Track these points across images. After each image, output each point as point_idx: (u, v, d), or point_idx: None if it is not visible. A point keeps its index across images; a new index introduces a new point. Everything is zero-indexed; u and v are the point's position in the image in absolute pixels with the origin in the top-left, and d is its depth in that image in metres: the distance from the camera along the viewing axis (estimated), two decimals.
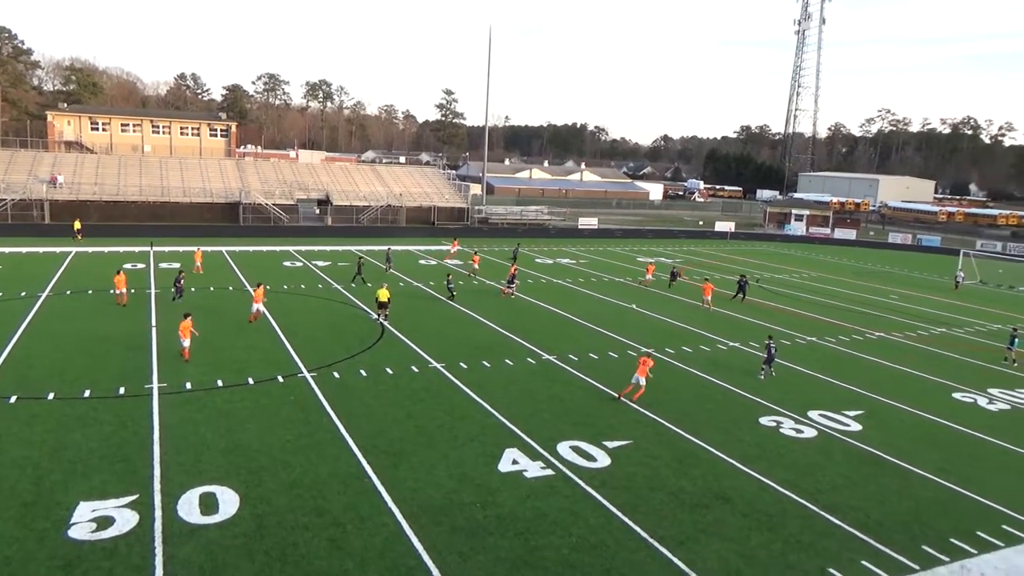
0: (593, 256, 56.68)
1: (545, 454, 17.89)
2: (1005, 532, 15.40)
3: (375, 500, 15.25)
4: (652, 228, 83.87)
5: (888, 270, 58.98)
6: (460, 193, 79.21)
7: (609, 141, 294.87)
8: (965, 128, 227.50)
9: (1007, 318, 40.13)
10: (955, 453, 19.72)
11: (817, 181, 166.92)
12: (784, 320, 36.00)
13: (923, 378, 27.02)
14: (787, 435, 20.22)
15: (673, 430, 20.07)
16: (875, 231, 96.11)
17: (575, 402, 21.89)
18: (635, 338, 30.15)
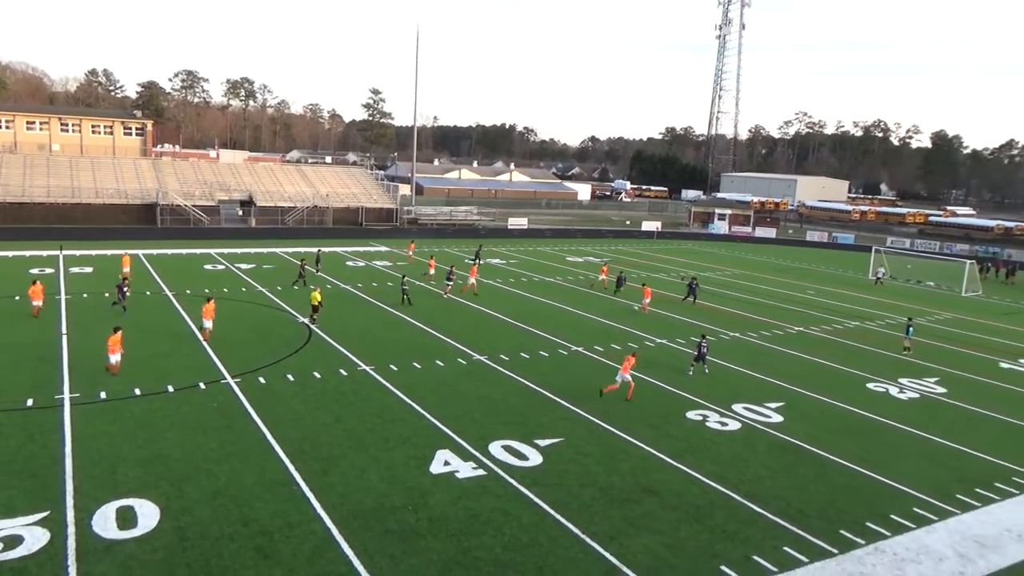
0: (523, 256, 56.98)
1: (477, 454, 17.89)
2: (916, 514, 16.21)
3: (303, 507, 14.95)
4: (581, 228, 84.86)
5: (806, 267, 61.31)
6: (389, 194, 78.43)
7: (538, 142, 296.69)
8: (876, 131, 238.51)
9: (916, 311, 42.26)
10: (869, 441, 20.64)
11: (739, 181, 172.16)
12: (709, 317, 36.97)
13: (839, 370, 28.19)
14: (713, 428, 20.78)
15: (603, 426, 20.36)
16: (793, 229, 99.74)
17: (506, 402, 21.96)
18: (566, 337, 30.46)
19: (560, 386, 23.69)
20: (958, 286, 51.79)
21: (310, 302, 30.85)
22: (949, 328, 37.83)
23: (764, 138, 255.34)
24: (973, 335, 36.51)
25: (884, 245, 68.66)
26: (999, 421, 23.17)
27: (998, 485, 18.06)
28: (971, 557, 14.61)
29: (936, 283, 54.02)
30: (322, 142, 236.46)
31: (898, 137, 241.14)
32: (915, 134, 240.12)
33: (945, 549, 14.83)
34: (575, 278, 46.87)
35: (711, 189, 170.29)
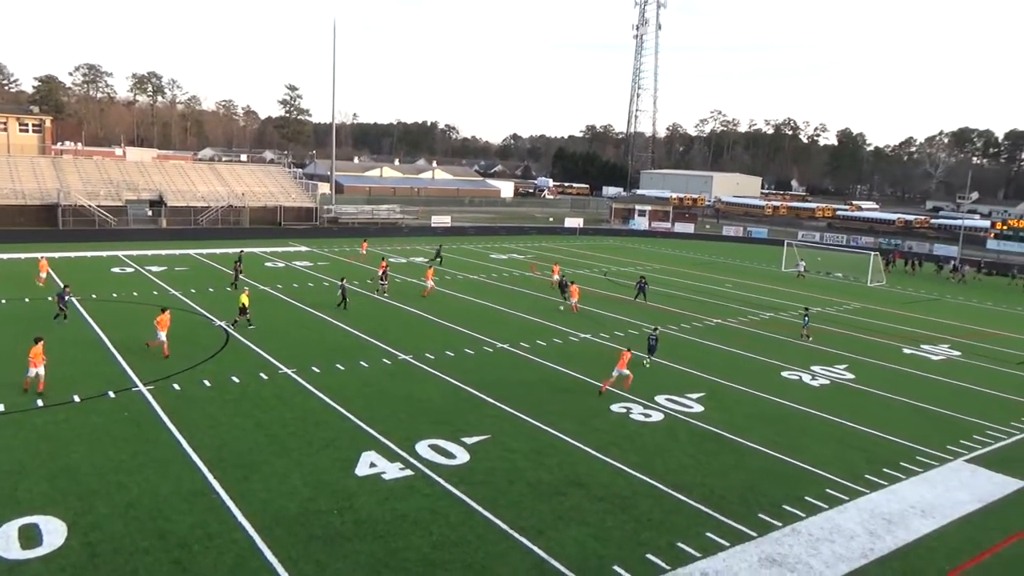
0: (447, 254, 56.79)
1: (403, 455, 17.76)
2: (829, 495, 16.98)
3: (224, 516, 14.52)
4: (505, 225, 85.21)
5: (723, 261, 63.29)
6: (308, 192, 76.90)
7: (460, 139, 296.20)
8: (786, 129, 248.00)
9: (825, 302, 44.22)
10: (785, 427, 21.50)
11: (658, 178, 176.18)
12: (631, 311, 37.73)
13: (755, 359, 29.24)
14: (637, 420, 21.24)
15: (530, 422, 20.53)
16: (710, 225, 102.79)
17: (432, 400, 21.88)
18: (491, 334, 30.55)
19: (486, 383, 23.74)
20: (864, 277, 54.43)
21: (237, 304, 30.05)
22: (856, 317, 39.74)
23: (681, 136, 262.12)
24: (878, 323, 38.45)
25: (795, 239, 71.52)
26: (903, 404, 24.50)
27: (903, 464, 19.09)
28: (879, 534, 15.41)
29: (844, 274, 56.63)
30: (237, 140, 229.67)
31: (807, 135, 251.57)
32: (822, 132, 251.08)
33: (856, 527, 15.59)
34: (499, 276, 47.04)
35: (631, 186, 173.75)
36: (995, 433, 21.95)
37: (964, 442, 21.00)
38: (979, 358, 31.81)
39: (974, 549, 15.06)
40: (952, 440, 21.09)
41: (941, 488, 17.82)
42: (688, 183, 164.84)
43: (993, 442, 21.21)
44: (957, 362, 31.04)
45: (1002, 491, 17.86)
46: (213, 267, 45.12)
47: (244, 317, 29.56)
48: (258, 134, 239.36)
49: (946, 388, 26.78)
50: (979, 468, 19.18)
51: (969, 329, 38.49)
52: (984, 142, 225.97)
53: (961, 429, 22.17)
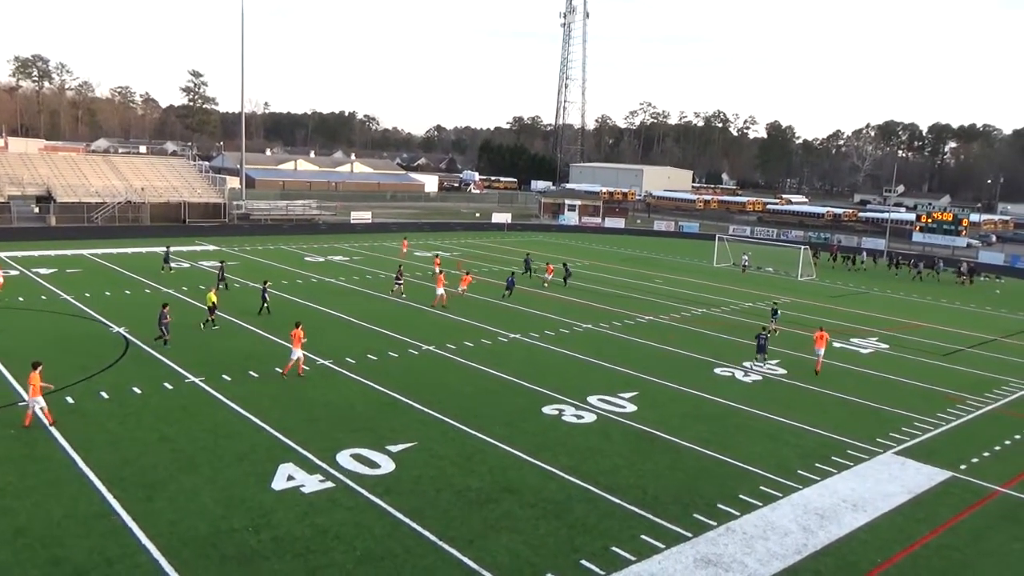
0: (368, 252, 56.17)
1: (324, 466, 17.48)
2: (762, 492, 17.54)
3: (125, 540, 13.98)
4: (429, 221, 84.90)
5: (654, 256, 64.61)
6: (215, 187, 74.90)
7: (380, 131, 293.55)
8: (716, 121, 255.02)
9: (757, 296, 45.67)
10: (718, 424, 22.10)
11: (587, 172, 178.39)
12: (561, 308, 38.12)
13: (688, 356, 29.96)
14: (569, 422, 21.47)
15: (458, 427, 20.49)
16: (641, 219, 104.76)
17: (354, 407, 21.61)
18: (417, 336, 30.35)
19: (412, 388, 23.60)
20: (795, 271, 56.45)
21: (206, 304, 30.06)
22: (787, 312, 41.13)
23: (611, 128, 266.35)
24: (809, 317, 39.94)
25: (727, 233, 73.60)
26: (834, 398, 25.53)
27: (835, 458, 19.90)
28: (812, 529, 16.02)
29: (775, 269, 58.60)
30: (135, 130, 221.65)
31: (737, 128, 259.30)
32: (752, 125, 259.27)
33: (789, 524, 16.16)
34: (425, 274, 46.80)
35: (560, 180, 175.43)
36: (922, 425, 23.11)
37: (893, 434, 22.03)
38: (906, 350, 33.42)
39: (905, 541, 15.82)
40: (881, 433, 22.10)
41: (872, 481, 18.64)
42: (618, 177, 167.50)
43: (921, 434, 22.32)
44: (885, 355, 32.54)
45: (930, 482, 18.81)
46: (110, 269, 43.38)
47: (213, 317, 29.84)
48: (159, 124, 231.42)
49: (875, 381, 28.03)
50: (908, 460, 20.15)
51: (896, 322, 40.40)
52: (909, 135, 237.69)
53: (890, 421, 23.25)
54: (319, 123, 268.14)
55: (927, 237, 75.77)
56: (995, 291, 55.37)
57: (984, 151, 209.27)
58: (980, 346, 35.47)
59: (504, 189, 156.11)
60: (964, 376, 29.61)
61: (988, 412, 25.08)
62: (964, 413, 24.66)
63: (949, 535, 16.23)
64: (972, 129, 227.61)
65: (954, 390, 27.29)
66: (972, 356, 33.33)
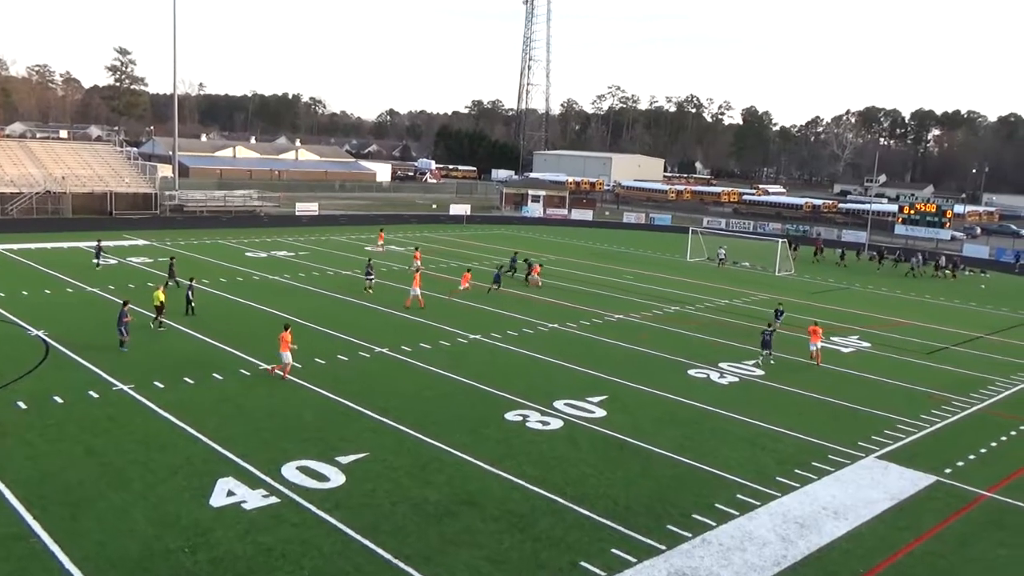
0: (315, 247, 55.71)
1: (267, 480, 17.31)
2: (739, 501, 17.80)
3: (48, 563, 13.69)
4: (382, 213, 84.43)
5: (624, 250, 65.08)
6: (145, 176, 73.71)
7: (328, 115, 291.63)
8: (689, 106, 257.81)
9: (733, 293, 46.28)
10: (693, 429, 22.37)
11: (552, 160, 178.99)
12: (524, 307, 38.21)
13: (660, 357, 30.26)
14: (534, 429, 21.55)
15: (414, 435, 20.44)
16: (610, 211, 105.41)
17: (301, 416, 21.44)
18: (368, 337, 30.19)
19: (363, 394, 23.49)
20: (772, 266, 57.30)
21: (153, 303, 29.78)
22: (765, 309, 41.72)
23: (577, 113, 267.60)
24: (788, 315, 40.51)
25: (701, 226, 74.41)
26: (814, 400, 26.00)
27: (815, 464, 20.27)
28: (792, 539, 16.30)
29: (752, 264, 59.43)
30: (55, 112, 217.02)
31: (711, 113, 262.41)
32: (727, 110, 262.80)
33: (768, 534, 16.42)
34: (377, 270, 46.52)
35: (523, 169, 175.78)
36: (905, 427, 23.64)
37: (875, 438, 22.51)
38: (888, 349, 34.16)
39: (888, 549, 16.18)
40: (863, 436, 22.56)
41: (853, 487, 19.03)
42: (585, 165, 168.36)
43: (904, 436, 22.84)
44: (867, 354, 33.21)
45: (913, 487, 19.26)
46: (27, 266, 42.38)
47: (160, 316, 29.81)
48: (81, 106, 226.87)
49: (856, 382, 28.61)
50: (891, 464, 20.61)
51: (878, 319, 41.26)
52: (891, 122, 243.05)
53: (872, 424, 23.74)
54: (260, 106, 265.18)
55: (910, 229, 77.47)
56: (980, 286, 56.85)
57: (968, 139, 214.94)
58: (965, 344, 36.39)
59: (463, 178, 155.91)
60: (949, 375, 30.36)
61: (974, 413, 25.76)
62: (949, 414, 25.28)
63: (934, 542, 16.63)
64: (956, 116, 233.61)
65: (938, 390, 27.97)
66: (957, 354, 34.18)
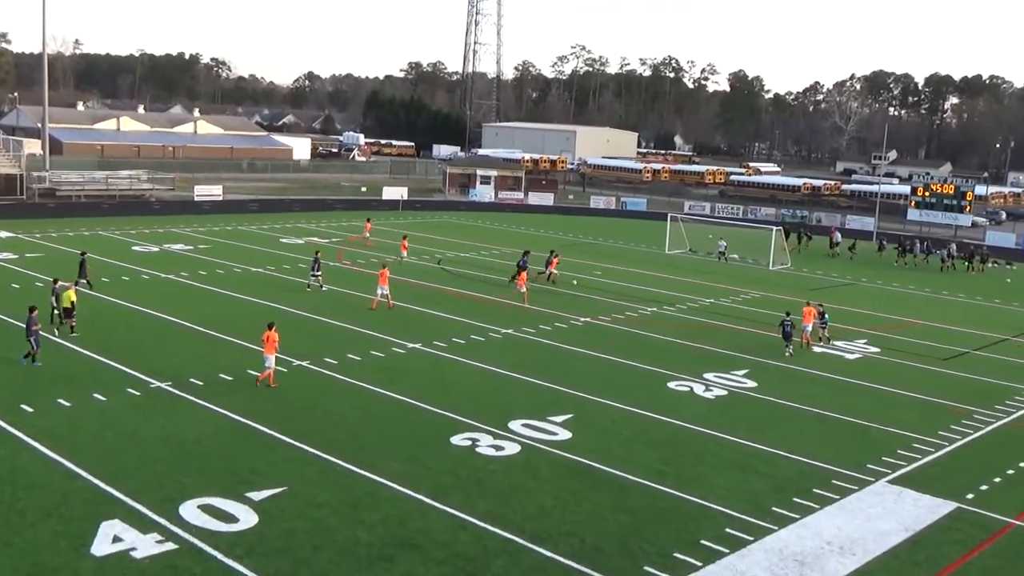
0: (218, 239, 55.06)
1: (162, 522, 17.07)
2: (729, 536, 18.01)
3: None
4: (300, 198, 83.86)
5: (591, 241, 65.49)
6: (8, 154, 72.33)
7: (233, 79, 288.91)
8: (666, 70, 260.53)
9: (720, 291, 46.84)
10: (673, 452, 22.58)
11: (505, 134, 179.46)
12: (474, 310, 38.23)
13: (635, 367, 30.51)
14: (485, 455, 21.55)
15: (342, 466, 20.31)
16: (575, 194, 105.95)
17: (203, 444, 21.20)
18: (284, 348, 29.77)
19: (280, 416, 23.31)
20: (765, 258, 58.07)
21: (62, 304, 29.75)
22: (757, 309, 42.35)
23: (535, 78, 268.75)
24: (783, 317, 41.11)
25: (681, 212, 75.16)
26: (815, 415, 26.43)
27: (816, 491, 20.58)
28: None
29: (742, 256, 60.18)
30: None
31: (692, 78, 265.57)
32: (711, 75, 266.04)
33: (763, 574, 16.64)
34: (294, 268, 46.18)
35: (471, 144, 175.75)
36: (921, 446, 24.13)
37: (886, 459, 22.93)
38: (900, 354, 34.88)
39: None
40: (872, 457, 22.97)
41: (862, 517, 19.37)
42: (545, 140, 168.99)
43: (920, 457, 23.32)
44: (875, 360, 33.88)
45: (932, 516, 19.67)
46: None
47: (70, 320, 30.16)
48: None
49: (864, 393, 29.15)
50: (904, 490, 21.02)
51: (888, 319, 42.13)
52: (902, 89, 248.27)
53: (882, 443, 24.20)
54: (150, 69, 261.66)
55: (924, 215, 78.75)
56: (1005, 280, 58.34)
57: (991, 109, 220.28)
58: (988, 348, 37.30)
59: (398, 156, 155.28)
60: (970, 385, 31.08)
61: (999, 428, 26.39)
62: (971, 430, 25.86)
63: None
64: (977, 81, 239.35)
65: (958, 402, 28.61)
66: (979, 360, 35.02)
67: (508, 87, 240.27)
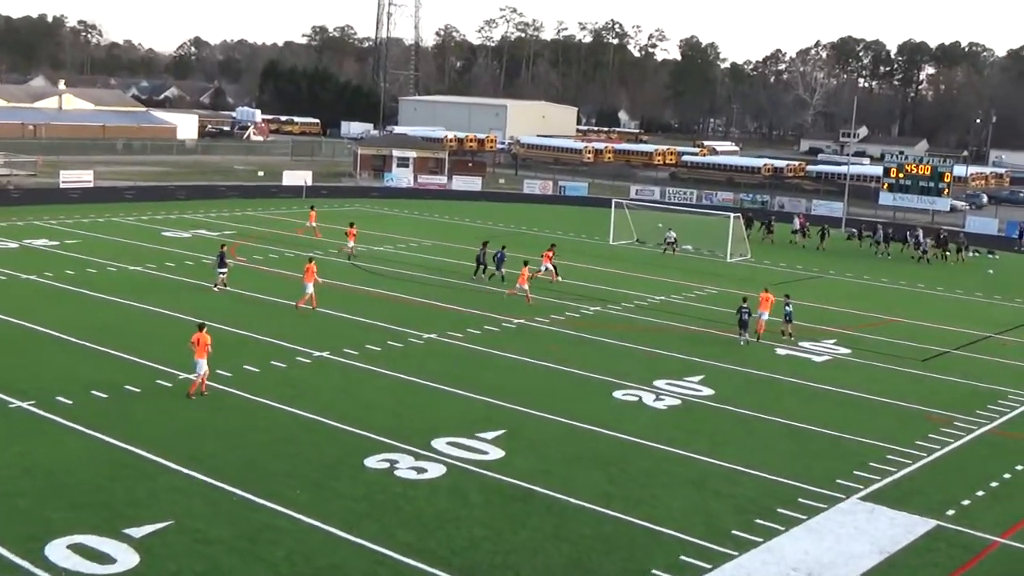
0: (89, 233, 54.12)
1: (25, 565, 16.72)
2: (684, 565, 18.21)
3: None
4: (186, 184, 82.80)
5: (525, 231, 65.64)
6: None
7: (105, 46, 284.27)
8: (609, 36, 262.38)
9: (671, 286, 47.36)
10: (620, 470, 22.75)
11: (425, 109, 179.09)
12: (390, 312, 38.09)
13: (577, 375, 30.71)
14: (405, 479, 21.47)
15: (238, 494, 20.08)
16: (506, 178, 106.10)
17: (73, 473, 20.83)
18: (168, 360, 29.47)
19: (163, 439, 23.00)
20: (723, 249, 58.81)
21: None
22: (714, 307, 42.93)
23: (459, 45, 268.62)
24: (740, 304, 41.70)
25: (628, 197, 75.77)
26: (779, 426, 26.84)
27: (781, 511, 20.89)
28: None
29: (695, 247, 60.85)
30: None
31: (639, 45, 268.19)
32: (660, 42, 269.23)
33: None
34: (180, 266, 45.53)
35: (386, 121, 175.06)
36: (897, 458, 24.64)
37: (858, 473, 23.37)
38: (873, 355, 35.61)
39: None
40: (843, 472, 23.39)
41: (831, 539, 19.72)
42: (471, 116, 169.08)
43: (894, 470, 23.80)
44: (846, 362, 34.58)
45: (909, 536, 20.09)
46: None
47: None
48: None
49: (833, 400, 29.72)
50: (878, 507, 21.44)
51: (860, 316, 43.00)
52: (872, 58, 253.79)
53: (854, 455, 24.67)
54: (4, 32, 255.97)
55: (898, 198, 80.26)
56: (987, 271, 59.91)
57: (970, 80, 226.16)
58: (969, 346, 38.31)
59: (301, 135, 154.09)
60: (950, 388, 31.91)
61: (981, 436, 27.08)
62: (950, 439, 26.48)
63: None
64: (955, 49, 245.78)
65: (937, 408, 29.32)
66: (959, 360, 35.96)
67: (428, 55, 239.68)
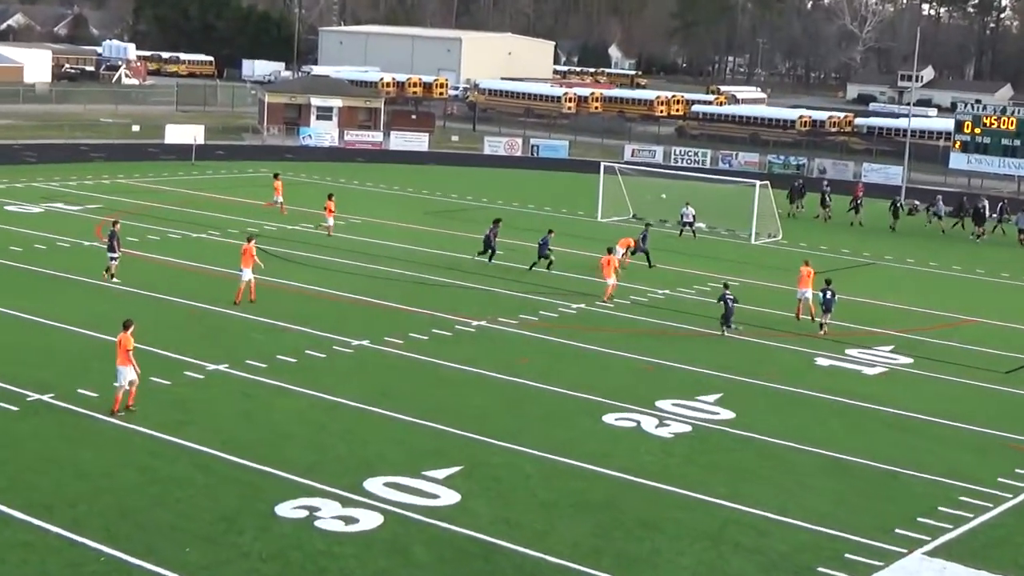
0: None
1: None
2: None
3: None
4: (34, 142, 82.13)
5: (485, 205, 65.47)
6: None
7: None
8: None
9: (678, 277, 47.47)
10: (612, 519, 22.62)
11: (354, 43, 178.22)
12: (309, 311, 38.06)
13: (556, 394, 30.67)
14: (330, 531, 21.32)
15: (108, 554, 19.93)
16: (461, 135, 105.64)
17: None
18: (19, 375, 29.27)
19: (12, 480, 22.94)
20: (746, 228, 58.79)
21: None
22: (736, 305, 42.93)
23: None
24: (776, 314, 41.73)
25: (621, 159, 75.72)
26: (817, 458, 26.86)
27: (823, 570, 20.88)
28: None
29: (711, 225, 60.83)
30: None
31: None
32: None
33: None
34: (31, 252, 45.20)
35: (302, 59, 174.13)
36: (973, 500, 24.69)
37: (923, 520, 23.39)
38: (941, 367, 35.74)
39: None
40: (903, 519, 23.42)
41: None
42: (415, 53, 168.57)
43: (971, 515, 23.81)
44: (905, 375, 34.72)
45: None
46: None
47: None
48: None
49: (889, 425, 29.80)
50: (951, 564, 21.46)
51: (925, 315, 43.13)
52: None
53: (917, 497, 24.74)
54: None
55: (973, 162, 79.98)
56: None
57: None
58: None
59: (189, 77, 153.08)
60: None
61: None
62: None
63: None
64: None
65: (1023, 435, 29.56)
66: None
67: None
